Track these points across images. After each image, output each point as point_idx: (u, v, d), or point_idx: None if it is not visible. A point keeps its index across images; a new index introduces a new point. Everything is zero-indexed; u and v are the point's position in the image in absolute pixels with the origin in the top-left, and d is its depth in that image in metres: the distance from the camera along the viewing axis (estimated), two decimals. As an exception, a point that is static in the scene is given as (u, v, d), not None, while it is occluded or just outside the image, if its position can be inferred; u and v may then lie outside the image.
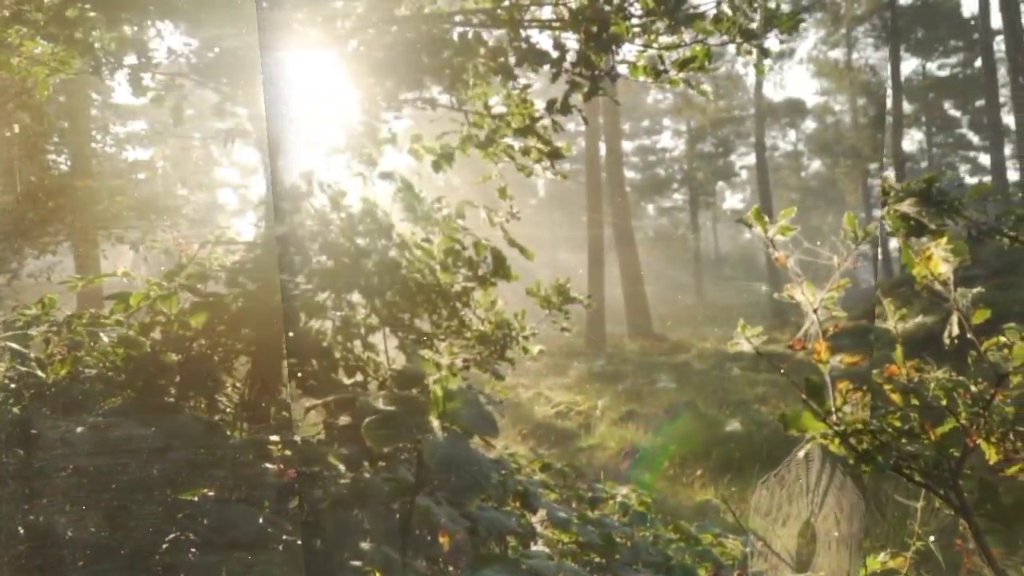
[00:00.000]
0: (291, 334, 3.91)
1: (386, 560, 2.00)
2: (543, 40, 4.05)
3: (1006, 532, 2.05)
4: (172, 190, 15.35)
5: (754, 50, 3.68)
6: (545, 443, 14.47)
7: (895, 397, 2.07)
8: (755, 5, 3.63)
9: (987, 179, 36.92)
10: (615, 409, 16.50)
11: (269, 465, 2.87)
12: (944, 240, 2.04)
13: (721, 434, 13.29)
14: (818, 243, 2.37)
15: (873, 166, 39.90)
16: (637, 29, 3.76)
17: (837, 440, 2.05)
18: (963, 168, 48.40)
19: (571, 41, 3.91)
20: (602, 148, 33.21)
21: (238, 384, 3.76)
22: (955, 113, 46.68)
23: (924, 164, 46.78)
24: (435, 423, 1.61)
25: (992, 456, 1.89)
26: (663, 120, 54.88)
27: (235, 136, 4.87)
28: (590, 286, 28.19)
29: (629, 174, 48.29)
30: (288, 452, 2.90)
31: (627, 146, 51.73)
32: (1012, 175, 35.06)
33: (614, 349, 27.39)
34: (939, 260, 1.99)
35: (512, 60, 3.96)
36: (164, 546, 2.47)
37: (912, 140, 47.03)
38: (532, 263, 5.19)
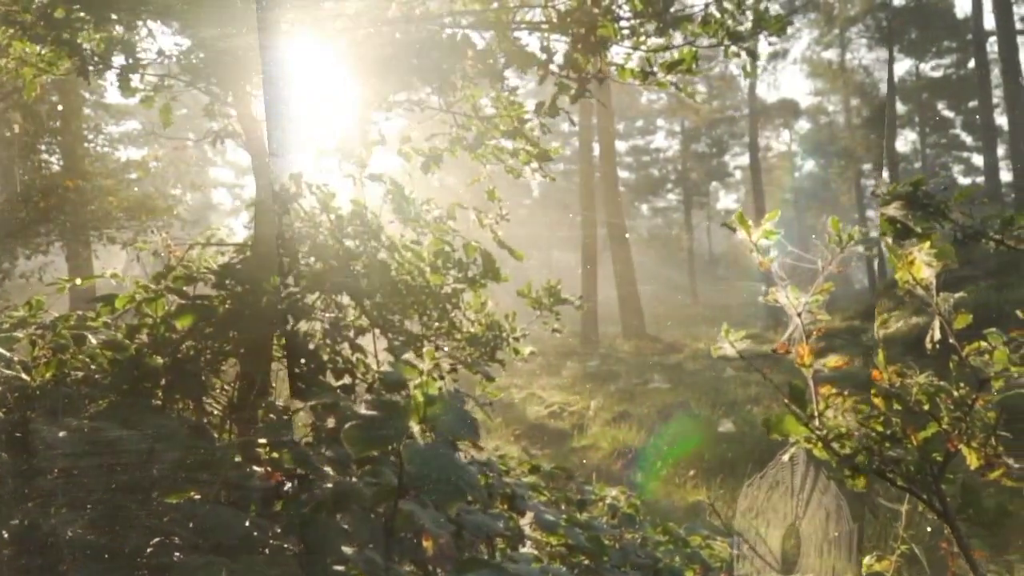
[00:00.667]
0: (281, 337, 3.91)
1: (369, 564, 1.99)
2: (532, 42, 4.05)
3: (989, 536, 2.06)
4: (165, 190, 15.33)
5: (742, 52, 3.69)
6: (538, 443, 14.48)
7: (878, 401, 2.07)
8: (744, 7, 3.63)
9: (980, 179, 37.07)
10: (608, 409, 16.53)
11: (257, 468, 2.86)
12: (927, 244, 2.04)
13: (714, 435, 13.33)
14: (811, 244, 2.37)
15: (866, 167, 40.00)
16: (626, 31, 3.76)
17: (820, 444, 2.05)
18: (956, 168, 48.67)
19: (560, 43, 3.91)
20: (596, 148, 33.25)
21: (227, 387, 3.75)
22: (949, 114, 46.89)
23: (918, 164, 46.97)
24: (416, 428, 1.61)
25: (973, 461, 1.89)
26: (657, 120, 55.02)
27: (224, 137, 4.85)
28: (584, 286, 28.22)
29: (623, 174, 48.39)
30: (276, 455, 2.89)
31: (621, 146, 51.90)
32: (1005, 175, 35.21)
33: (608, 349, 27.43)
34: (922, 264, 1.99)
35: (500, 62, 3.95)
36: (149, 550, 2.46)
37: (906, 141, 47.23)
38: (528, 263, 5.19)
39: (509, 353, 4.77)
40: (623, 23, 3.72)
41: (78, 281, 3.86)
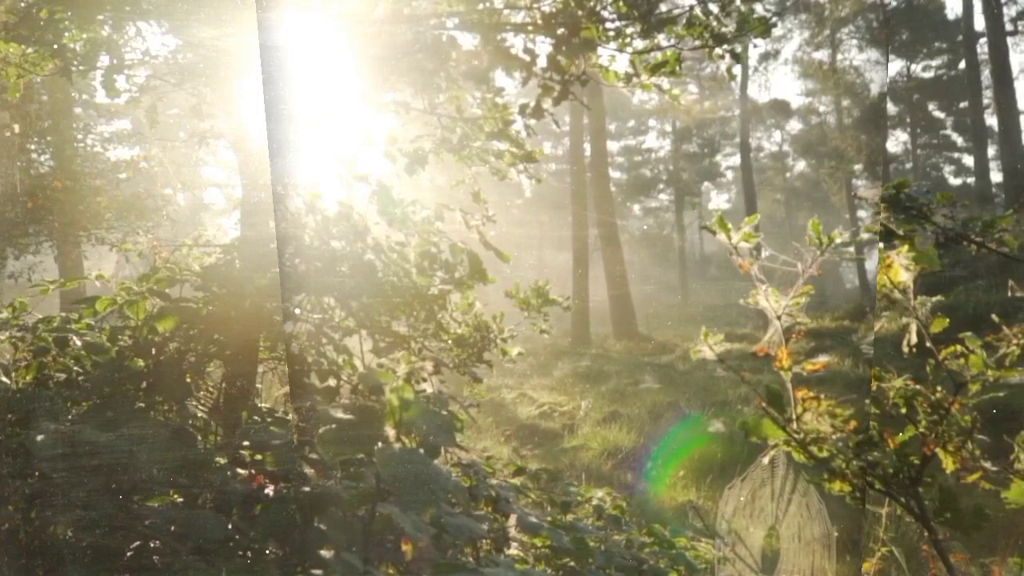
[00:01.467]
0: (267, 339, 3.90)
1: (348, 568, 1.99)
2: (518, 44, 4.04)
3: (967, 539, 2.06)
4: (155, 190, 15.23)
5: (725, 55, 3.69)
6: (528, 444, 14.46)
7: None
8: (728, 10, 3.63)
9: (971, 180, 37.20)
10: (599, 410, 16.50)
11: (240, 471, 2.85)
12: (906, 248, 2.05)
13: (704, 435, 13.33)
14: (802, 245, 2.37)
15: (858, 167, 40.05)
16: (611, 33, 3.76)
17: (798, 447, 2.05)
18: (948, 169, 48.72)
19: (545, 45, 3.91)
20: (587, 148, 33.21)
21: (211, 388, 3.73)
22: (939, 115, 46.98)
23: (909, 165, 47.05)
24: (391, 433, 1.61)
25: (949, 465, 1.90)
26: (649, 120, 54.93)
27: (211, 137, 4.84)
28: (575, 286, 28.20)
29: (615, 174, 48.33)
30: (258, 457, 2.88)
31: (613, 146, 51.73)
32: (996, 176, 35.30)
33: (599, 349, 27.38)
34: (899, 268, 2.00)
35: (484, 64, 3.95)
36: (129, 553, 2.45)
37: (897, 141, 47.29)
38: (521, 263, 5.18)
39: (497, 354, 4.76)
40: (608, 25, 3.73)
41: (62, 283, 3.85)
